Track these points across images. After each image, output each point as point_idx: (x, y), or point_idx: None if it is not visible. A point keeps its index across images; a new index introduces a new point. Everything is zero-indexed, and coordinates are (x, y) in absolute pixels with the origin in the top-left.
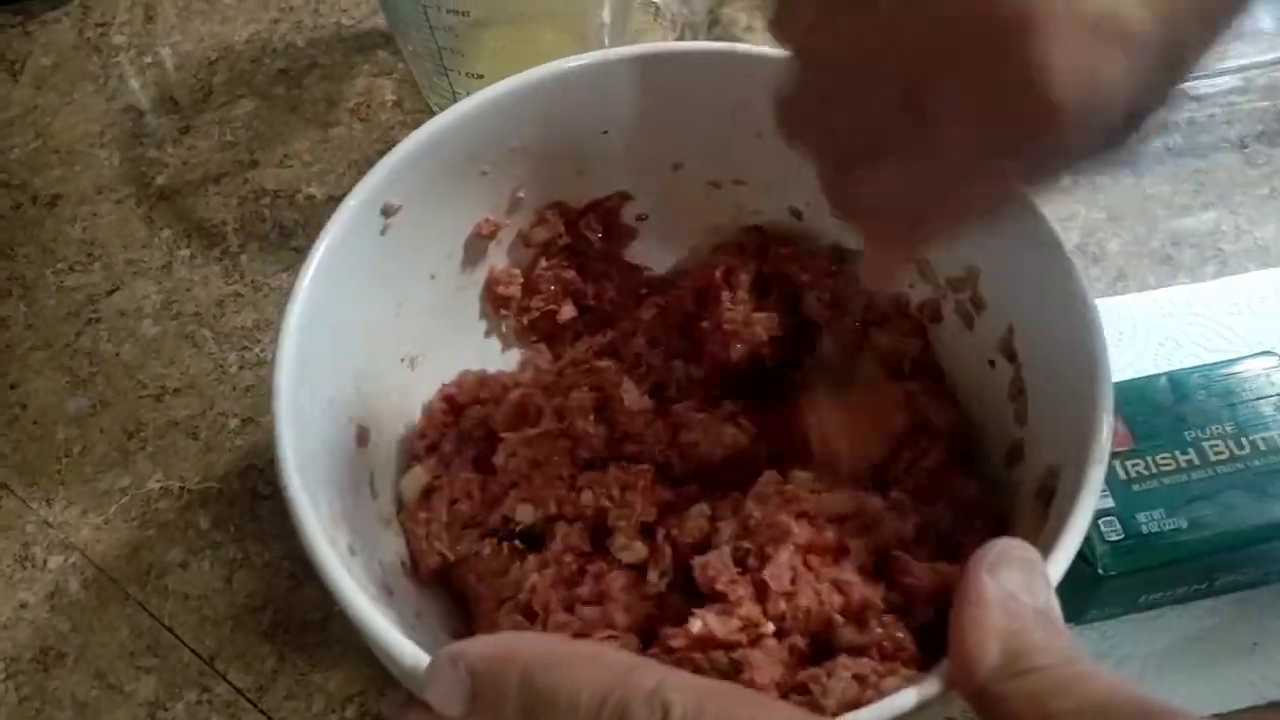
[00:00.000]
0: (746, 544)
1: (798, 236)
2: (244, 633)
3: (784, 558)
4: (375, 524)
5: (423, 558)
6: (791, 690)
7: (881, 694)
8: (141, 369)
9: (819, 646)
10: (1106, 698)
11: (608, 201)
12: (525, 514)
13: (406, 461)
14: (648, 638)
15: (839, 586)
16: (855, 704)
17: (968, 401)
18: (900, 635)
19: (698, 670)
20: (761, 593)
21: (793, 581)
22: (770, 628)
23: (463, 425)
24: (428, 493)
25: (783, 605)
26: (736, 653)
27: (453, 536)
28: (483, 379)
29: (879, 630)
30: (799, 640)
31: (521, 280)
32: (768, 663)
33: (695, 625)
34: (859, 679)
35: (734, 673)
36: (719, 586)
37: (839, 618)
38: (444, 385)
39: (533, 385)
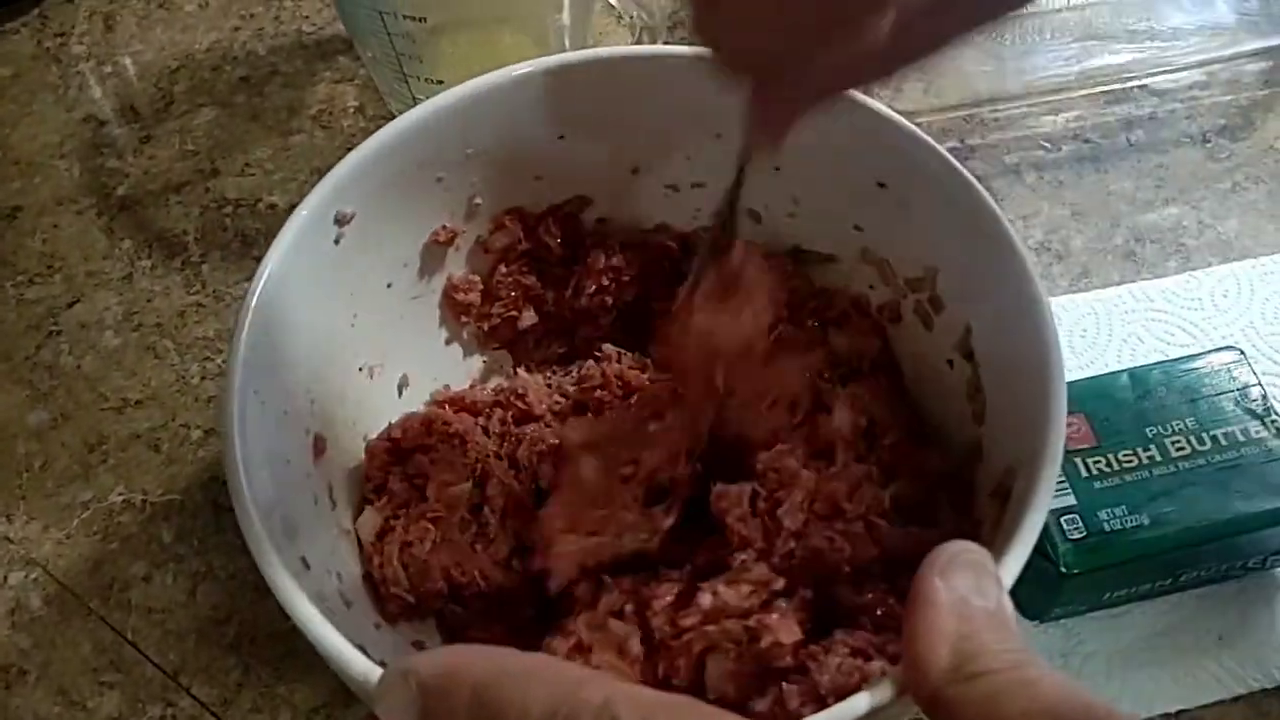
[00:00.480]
0: (758, 487)
1: (759, 239)
2: (208, 646)
3: (798, 498)
4: (334, 535)
5: (387, 601)
6: (794, 670)
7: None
8: (103, 381)
9: (821, 612)
10: (1054, 702)
11: (566, 206)
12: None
13: (361, 495)
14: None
15: (846, 535)
16: (850, 685)
17: (928, 401)
18: (892, 601)
19: (715, 647)
20: (772, 536)
21: (805, 525)
22: (780, 583)
23: (408, 470)
24: (383, 533)
25: (793, 544)
26: (751, 620)
27: (410, 578)
28: (426, 421)
29: (870, 595)
30: (806, 594)
31: (481, 287)
32: (785, 624)
33: (705, 599)
34: (857, 653)
35: (752, 640)
36: (730, 520)
37: (846, 568)
38: (389, 425)
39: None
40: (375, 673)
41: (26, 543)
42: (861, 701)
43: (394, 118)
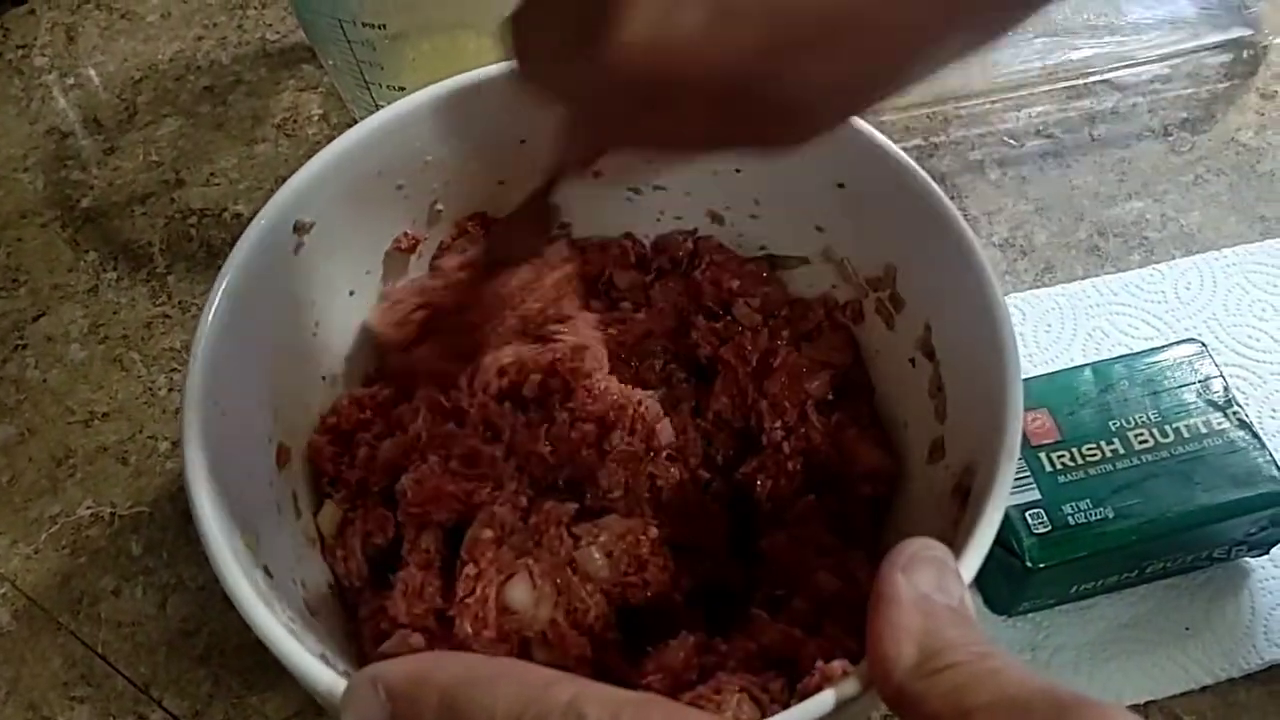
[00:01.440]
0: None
1: (725, 240)
2: (179, 658)
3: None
4: (299, 544)
5: (350, 594)
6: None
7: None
8: (69, 394)
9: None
10: (1019, 690)
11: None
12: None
13: (319, 496)
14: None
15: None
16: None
17: (893, 401)
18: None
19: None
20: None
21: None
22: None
23: (356, 455)
24: (343, 525)
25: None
26: None
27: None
28: (355, 398)
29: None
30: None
31: None
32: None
33: None
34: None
35: None
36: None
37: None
38: (322, 416)
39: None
40: (341, 684)
41: None
42: (828, 698)
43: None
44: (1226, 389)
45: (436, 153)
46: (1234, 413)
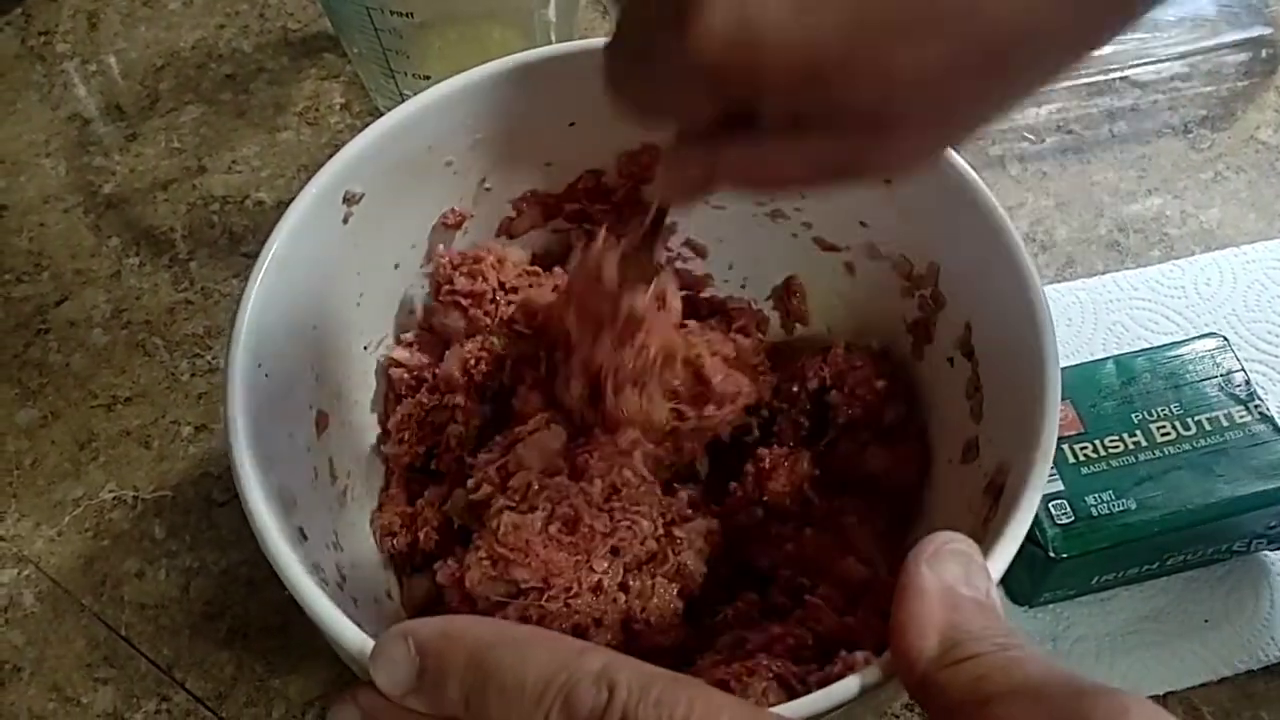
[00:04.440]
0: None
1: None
2: (202, 640)
3: None
4: (334, 509)
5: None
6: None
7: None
8: (92, 379)
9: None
10: (1040, 679)
11: (579, 183)
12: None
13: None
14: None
15: None
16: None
17: (930, 401)
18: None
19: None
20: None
21: None
22: None
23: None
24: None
25: None
26: None
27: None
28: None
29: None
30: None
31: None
32: None
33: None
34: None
35: None
36: None
37: None
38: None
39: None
40: (369, 645)
41: (18, 540)
42: (853, 684)
43: (381, 114)
44: (1248, 382)
45: (487, 131)
46: (1256, 406)
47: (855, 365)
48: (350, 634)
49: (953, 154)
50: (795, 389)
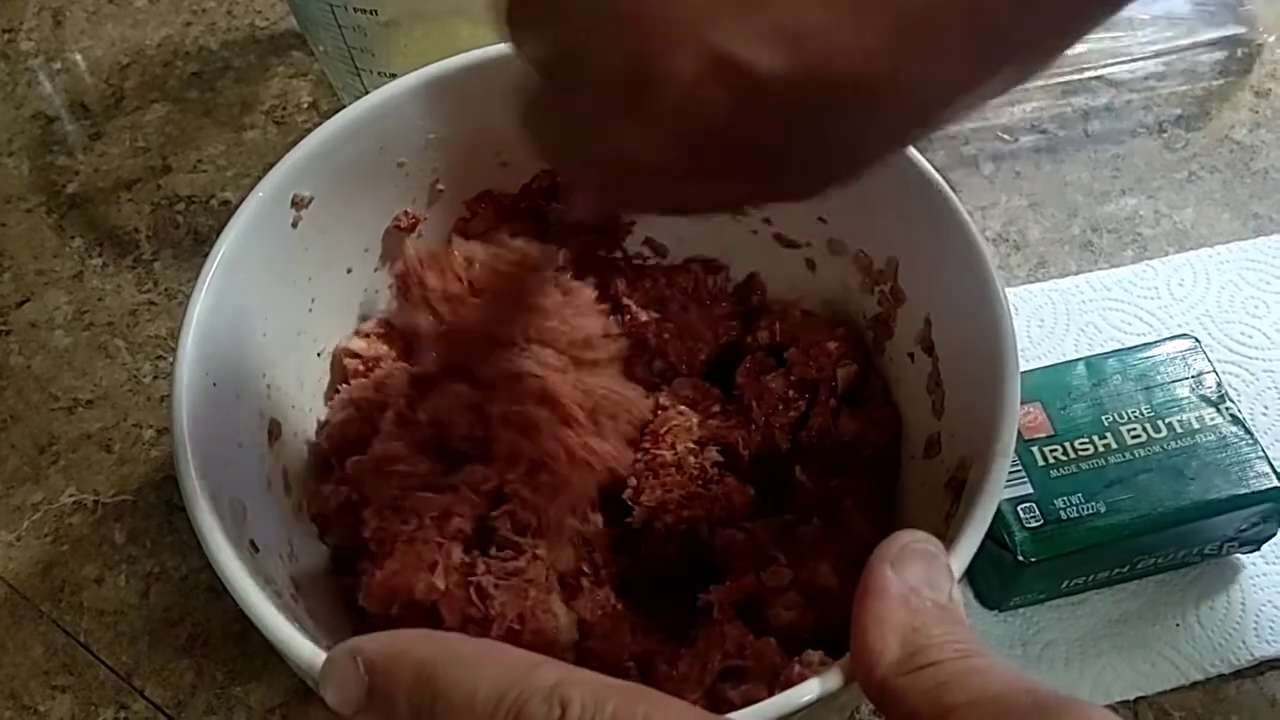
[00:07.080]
0: None
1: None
2: (162, 647)
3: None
4: (287, 520)
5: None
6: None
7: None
8: (53, 381)
9: None
10: (1001, 690)
11: (534, 183)
12: None
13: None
14: None
15: None
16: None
17: (894, 398)
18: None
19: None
20: None
21: None
22: None
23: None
24: None
25: None
26: None
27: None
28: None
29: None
30: None
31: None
32: None
33: None
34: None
35: None
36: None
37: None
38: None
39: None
40: (320, 658)
41: None
42: (811, 688)
43: None
44: (1219, 384)
45: (439, 131)
46: (1226, 408)
47: (808, 326)
48: (300, 647)
49: (911, 150)
50: (750, 339)
